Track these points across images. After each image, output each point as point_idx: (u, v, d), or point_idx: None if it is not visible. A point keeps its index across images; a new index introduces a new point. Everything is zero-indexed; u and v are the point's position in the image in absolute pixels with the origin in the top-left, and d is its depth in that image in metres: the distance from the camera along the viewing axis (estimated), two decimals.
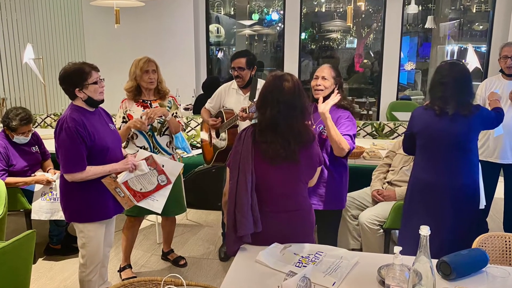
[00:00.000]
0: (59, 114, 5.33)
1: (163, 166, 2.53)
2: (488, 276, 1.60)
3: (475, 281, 1.63)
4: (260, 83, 3.12)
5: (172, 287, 1.62)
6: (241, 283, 1.65)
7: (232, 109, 3.12)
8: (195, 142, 4.89)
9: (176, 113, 3.00)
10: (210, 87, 5.00)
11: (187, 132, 4.92)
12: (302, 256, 1.80)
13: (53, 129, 2.35)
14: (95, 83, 2.27)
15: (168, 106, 2.98)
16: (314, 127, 2.50)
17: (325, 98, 2.43)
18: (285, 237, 1.90)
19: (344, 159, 2.50)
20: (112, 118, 2.58)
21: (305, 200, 2.00)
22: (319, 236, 2.68)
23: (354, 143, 2.41)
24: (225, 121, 3.07)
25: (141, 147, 2.87)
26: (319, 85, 2.46)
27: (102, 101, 2.35)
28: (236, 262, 1.80)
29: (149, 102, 2.91)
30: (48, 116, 5.28)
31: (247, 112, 2.74)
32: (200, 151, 4.34)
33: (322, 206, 2.49)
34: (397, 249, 1.46)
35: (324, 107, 2.28)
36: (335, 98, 2.34)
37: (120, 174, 2.37)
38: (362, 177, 3.31)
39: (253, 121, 2.58)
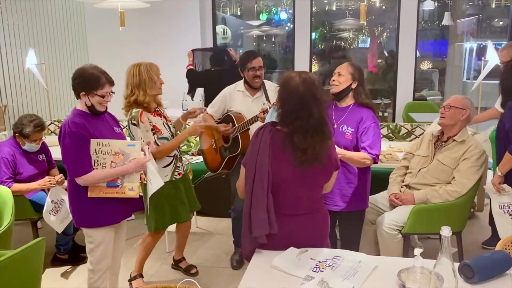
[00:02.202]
0: (63, 120, 5.43)
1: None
2: None
3: (499, 284, 1.66)
4: (267, 84, 3.21)
5: None
6: None
7: (240, 113, 3.18)
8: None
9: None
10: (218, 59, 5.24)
11: (196, 137, 4.99)
12: (319, 261, 1.84)
13: (57, 136, 2.44)
14: (102, 96, 2.36)
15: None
16: (335, 126, 2.65)
17: (339, 94, 2.65)
18: (300, 241, 1.94)
19: None
20: (120, 123, 2.66)
21: (320, 203, 2.05)
22: (341, 238, 2.81)
23: (378, 151, 2.58)
24: (237, 125, 3.13)
25: (172, 156, 2.93)
26: (334, 80, 2.66)
27: (103, 112, 2.45)
28: (251, 268, 1.85)
29: (158, 109, 2.97)
30: (52, 123, 5.39)
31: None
32: None
33: (346, 207, 2.65)
34: (417, 251, 1.50)
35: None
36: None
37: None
38: (379, 180, 3.34)
39: (268, 120, 2.65)
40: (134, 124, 2.78)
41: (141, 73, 2.78)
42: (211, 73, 5.27)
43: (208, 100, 5.42)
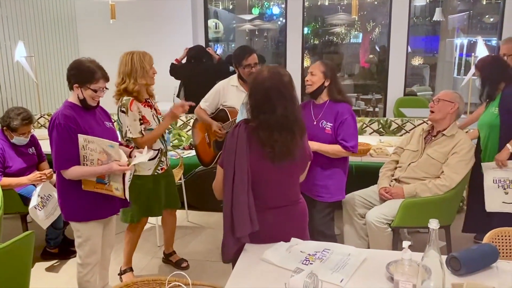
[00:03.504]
0: (52, 114, 5.38)
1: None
2: (498, 271, 1.65)
3: (485, 276, 1.68)
4: None
5: (179, 283, 1.68)
6: (247, 281, 1.71)
7: (234, 107, 3.18)
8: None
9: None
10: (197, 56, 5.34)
11: (187, 132, 4.98)
12: (309, 254, 1.86)
13: (47, 129, 2.42)
14: (95, 91, 2.34)
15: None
16: (315, 123, 2.74)
17: (314, 92, 2.76)
18: (281, 233, 1.95)
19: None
20: (111, 116, 2.65)
21: (298, 195, 2.07)
22: (316, 229, 2.86)
23: (354, 143, 2.71)
24: (231, 120, 3.14)
25: (157, 150, 2.92)
26: (307, 80, 2.77)
27: (95, 107, 2.43)
28: (241, 261, 1.86)
29: (150, 100, 2.95)
30: (41, 116, 5.34)
31: None
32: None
33: (331, 198, 2.79)
34: (405, 244, 1.52)
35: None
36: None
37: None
38: (369, 175, 3.37)
39: (240, 118, 2.67)
40: (123, 112, 2.77)
41: (133, 62, 2.76)
42: (190, 67, 5.32)
43: (187, 94, 5.48)
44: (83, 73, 2.33)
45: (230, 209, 1.89)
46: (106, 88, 2.41)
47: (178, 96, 5.64)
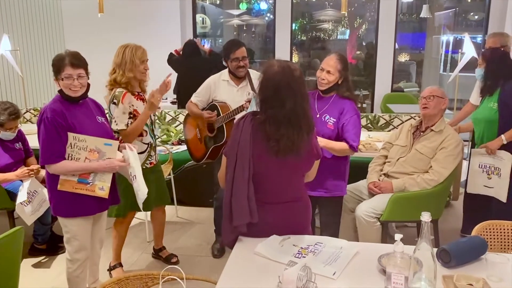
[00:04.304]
0: (39, 108, 5.31)
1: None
2: (487, 263, 1.68)
3: (475, 268, 1.72)
4: (252, 73, 3.21)
5: (174, 277, 1.68)
6: (240, 274, 1.72)
7: (225, 102, 3.18)
8: (184, 138, 4.91)
9: None
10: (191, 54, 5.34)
11: (176, 127, 4.96)
12: (301, 247, 1.87)
13: (33, 124, 2.39)
14: (65, 79, 2.28)
15: None
16: (318, 116, 2.69)
17: (326, 90, 2.70)
18: (281, 229, 1.96)
19: None
20: (105, 112, 2.61)
21: (302, 192, 2.06)
22: (321, 225, 2.87)
23: (357, 142, 2.70)
24: (222, 115, 3.13)
25: (147, 144, 2.91)
26: (323, 78, 2.67)
27: (79, 98, 2.34)
28: (235, 254, 1.86)
29: (142, 94, 2.93)
30: (27, 111, 5.26)
31: None
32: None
33: (327, 193, 2.74)
34: (398, 236, 1.54)
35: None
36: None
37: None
38: (358, 169, 3.39)
39: (250, 109, 2.67)
40: (114, 103, 2.77)
41: (124, 54, 2.78)
42: (183, 62, 5.33)
43: (181, 89, 5.46)
44: (53, 65, 2.30)
45: (230, 197, 1.90)
46: (81, 75, 2.29)
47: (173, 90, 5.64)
